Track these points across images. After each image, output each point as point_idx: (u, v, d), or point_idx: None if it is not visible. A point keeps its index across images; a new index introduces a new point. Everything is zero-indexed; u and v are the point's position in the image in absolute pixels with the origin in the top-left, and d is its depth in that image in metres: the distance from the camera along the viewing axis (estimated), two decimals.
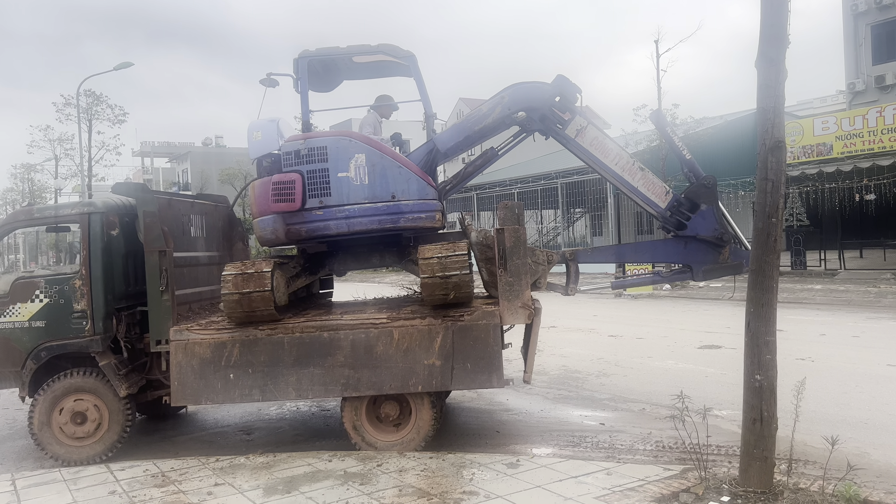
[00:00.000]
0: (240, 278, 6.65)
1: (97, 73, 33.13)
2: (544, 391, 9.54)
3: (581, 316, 17.43)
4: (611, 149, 7.41)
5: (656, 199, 7.40)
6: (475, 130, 7.48)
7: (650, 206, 7.45)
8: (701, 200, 7.27)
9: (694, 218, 7.27)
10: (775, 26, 5.01)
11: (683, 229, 7.33)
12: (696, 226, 7.29)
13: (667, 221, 7.40)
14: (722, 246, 7.29)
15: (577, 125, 7.36)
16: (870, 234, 24.87)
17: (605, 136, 7.44)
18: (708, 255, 7.35)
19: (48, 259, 48.73)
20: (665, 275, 8.15)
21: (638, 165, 7.44)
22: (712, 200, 7.28)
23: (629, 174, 7.39)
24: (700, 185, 7.29)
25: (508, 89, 7.42)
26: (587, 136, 7.37)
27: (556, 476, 5.75)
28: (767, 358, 4.97)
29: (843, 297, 18.21)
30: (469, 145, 7.63)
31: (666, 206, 7.36)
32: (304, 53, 7.51)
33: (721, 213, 7.35)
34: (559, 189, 32.20)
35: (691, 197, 7.32)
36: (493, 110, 7.42)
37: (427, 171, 7.43)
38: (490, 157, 7.68)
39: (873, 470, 5.85)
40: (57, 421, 7.08)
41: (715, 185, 7.30)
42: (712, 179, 7.30)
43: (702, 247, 7.34)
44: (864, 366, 9.94)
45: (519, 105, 7.39)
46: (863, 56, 30.45)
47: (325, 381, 6.74)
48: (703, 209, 7.25)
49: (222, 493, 5.72)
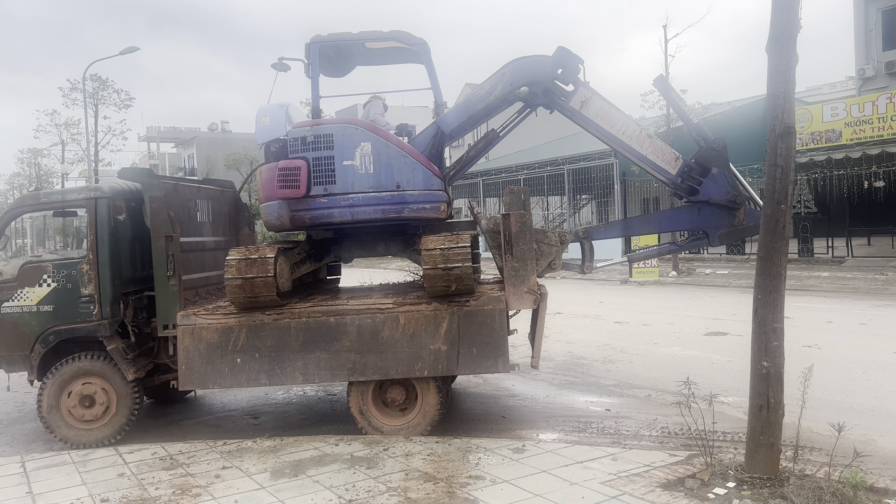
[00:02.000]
0: (243, 263, 6.66)
1: (103, 58, 33.07)
2: (550, 377, 9.55)
3: (587, 302, 17.42)
4: (617, 118, 7.31)
5: (666, 166, 7.30)
6: (479, 109, 7.41)
7: (661, 174, 7.36)
8: (712, 164, 7.15)
9: (706, 182, 7.16)
10: (786, 10, 4.95)
11: (695, 195, 7.23)
12: (709, 190, 7.17)
13: (678, 188, 7.32)
14: (736, 208, 7.17)
15: (582, 97, 7.27)
16: (878, 221, 24.69)
17: (610, 106, 7.32)
18: (723, 218, 7.22)
19: (55, 244, 48.94)
20: (681, 243, 7.95)
21: (646, 133, 7.35)
22: (723, 163, 7.16)
23: (637, 143, 7.30)
24: (710, 148, 7.17)
25: (509, 65, 7.34)
26: (592, 106, 7.28)
27: (562, 461, 5.76)
28: (775, 345, 4.95)
29: (851, 284, 18.14)
30: (474, 125, 7.56)
31: (677, 172, 7.26)
32: (316, 39, 7.47)
33: (733, 175, 7.22)
34: (566, 175, 32.09)
35: (702, 161, 7.19)
36: (495, 87, 7.35)
37: (434, 154, 7.39)
38: (492, 138, 7.62)
39: (879, 457, 5.85)
40: (65, 404, 7.14)
41: (725, 148, 7.17)
42: (722, 142, 7.17)
43: (716, 211, 7.22)
44: (871, 353, 9.91)
45: (521, 80, 7.30)
46: (873, 42, 30.09)
47: (332, 365, 6.76)
48: (715, 172, 7.14)
49: (230, 476, 5.76)
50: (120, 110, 40.38)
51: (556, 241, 7.23)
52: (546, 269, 7.18)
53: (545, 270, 7.20)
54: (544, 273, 7.21)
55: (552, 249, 7.17)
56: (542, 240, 7.15)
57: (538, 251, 7.09)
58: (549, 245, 7.15)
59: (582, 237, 7.49)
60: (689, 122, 7.52)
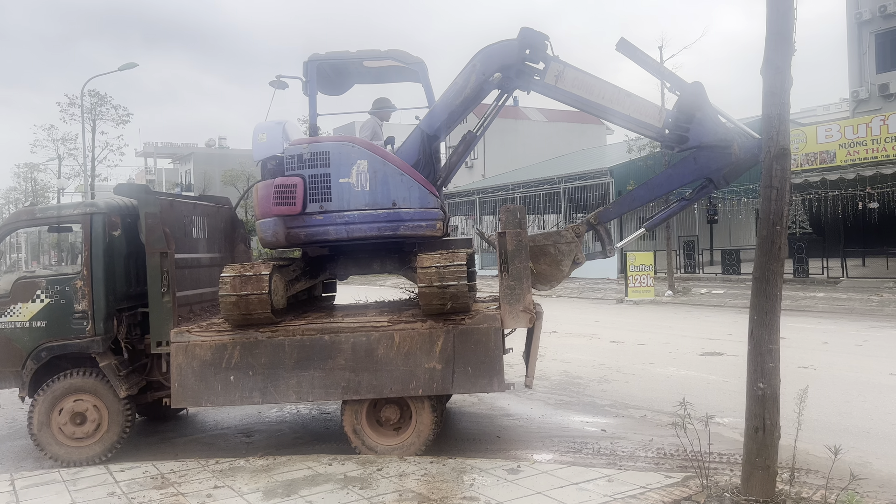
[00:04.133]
0: (238, 280, 6.64)
1: (101, 74, 33.25)
2: (545, 397, 9.51)
3: (583, 321, 17.40)
4: (594, 85, 7.28)
5: (651, 121, 7.28)
6: (457, 104, 7.39)
7: (647, 130, 7.36)
8: (694, 109, 7.12)
9: (692, 128, 7.13)
10: (781, 34, 5.00)
11: (685, 143, 7.22)
12: (697, 135, 7.14)
13: (667, 139, 7.30)
14: (729, 146, 7.12)
15: (555, 71, 7.25)
16: (873, 242, 24.82)
17: (584, 74, 7.29)
18: (720, 159, 7.17)
19: (50, 259, 48.77)
20: (690, 195, 7.81)
21: (625, 92, 7.29)
22: (704, 105, 7.13)
23: (619, 104, 7.26)
24: (689, 94, 7.14)
25: (478, 55, 7.33)
26: (567, 78, 7.26)
27: (557, 482, 5.72)
28: (770, 366, 4.94)
29: (846, 305, 18.16)
30: (456, 120, 7.53)
31: (662, 125, 7.25)
32: (315, 57, 7.51)
33: (715, 113, 7.19)
34: (562, 194, 32.19)
35: (684, 109, 7.15)
36: (468, 80, 7.34)
37: (427, 159, 7.38)
38: (470, 140, 7.64)
39: (876, 479, 5.82)
40: (56, 421, 7.06)
41: (702, 89, 7.13)
42: (699, 85, 7.14)
43: (711, 154, 7.17)
44: (867, 374, 9.90)
45: (492, 67, 7.28)
46: (867, 64, 30.43)
47: (326, 383, 6.72)
48: (699, 116, 7.11)
49: (221, 496, 5.70)
50: (117, 126, 40.59)
51: (571, 237, 7.19)
52: (572, 267, 7.15)
53: (571, 268, 7.17)
54: (571, 271, 7.18)
55: (571, 247, 7.12)
56: (559, 241, 7.14)
57: (558, 252, 7.05)
58: (566, 244, 7.11)
59: (595, 223, 7.45)
60: (663, 74, 7.49)
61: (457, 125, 7.68)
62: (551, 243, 7.18)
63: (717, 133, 7.14)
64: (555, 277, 7.23)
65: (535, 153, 50.02)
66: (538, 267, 7.13)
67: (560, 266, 7.16)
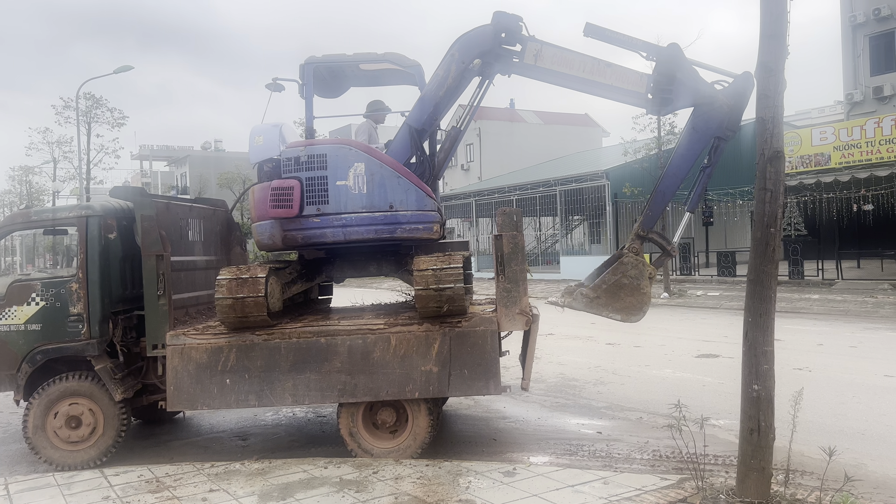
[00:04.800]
0: (234, 283, 6.63)
1: (97, 77, 33.13)
2: (541, 399, 9.52)
3: (579, 324, 17.38)
4: (573, 60, 7.28)
5: (634, 88, 7.28)
6: (441, 96, 7.38)
7: (631, 97, 7.37)
8: (673, 70, 7.12)
9: (674, 89, 7.14)
10: (774, 36, 5.02)
11: (670, 104, 7.24)
12: (680, 94, 7.16)
13: (651, 104, 7.32)
14: (715, 98, 7.11)
15: (533, 50, 7.26)
16: (867, 244, 24.90)
17: (563, 50, 7.30)
18: (714, 114, 7.13)
19: (45, 262, 48.62)
20: (709, 162, 7.58)
21: (605, 63, 7.29)
22: (682, 63, 7.14)
23: (600, 75, 7.26)
24: (665, 56, 7.15)
25: (455, 44, 7.33)
26: (546, 56, 7.27)
27: (553, 485, 5.72)
28: (765, 368, 4.96)
29: (841, 307, 18.22)
30: (441, 112, 7.52)
31: (645, 90, 7.26)
32: (311, 59, 7.51)
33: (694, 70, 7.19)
34: (558, 196, 32.24)
35: (663, 71, 7.16)
36: (448, 70, 7.33)
37: (420, 155, 7.37)
38: (455, 135, 7.65)
39: (871, 481, 5.84)
40: (51, 425, 7.04)
41: (678, 49, 7.15)
42: (674, 46, 7.16)
43: (704, 114, 7.16)
44: (862, 376, 9.93)
45: (470, 54, 7.29)
46: (861, 67, 30.56)
47: (322, 386, 6.72)
48: (679, 76, 7.12)
49: (217, 500, 5.69)
50: (113, 128, 40.47)
51: (633, 258, 7.15)
52: (651, 284, 7.14)
53: (651, 286, 7.16)
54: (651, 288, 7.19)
55: (640, 267, 7.09)
56: (626, 269, 7.09)
57: (631, 280, 7.02)
58: (634, 267, 7.07)
59: (644, 235, 7.40)
60: (636, 44, 7.51)
61: (443, 116, 7.68)
62: (620, 275, 7.13)
63: (700, 90, 7.14)
64: (642, 302, 7.16)
65: (531, 155, 50.10)
66: (623, 302, 7.10)
67: (641, 290, 7.11)
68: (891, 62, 29.79)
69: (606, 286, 7.14)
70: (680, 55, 7.15)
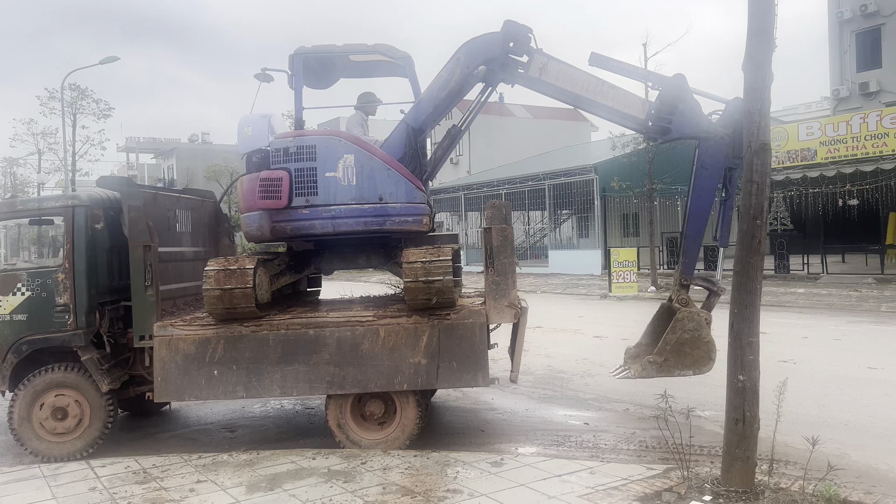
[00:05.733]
0: (222, 274, 6.61)
1: (82, 67, 32.71)
2: (529, 391, 9.56)
3: (567, 317, 17.49)
4: (578, 77, 7.32)
5: (635, 113, 7.33)
6: (442, 98, 7.38)
7: (631, 122, 7.42)
8: (676, 101, 7.17)
9: (675, 119, 7.19)
10: (762, 30, 5.05)
11: (668, 134, 7.27)
12: (680, 126, 7.20)
13: (650, 131, 7.37)
14: (716, 132, 7.14)
15: (539, 64, 7.28)
16: (852, 238, 25.16)
17: (568, 67, 7.32)
18: (718, 147, 7.13)
19: (31, 253, 48.20)
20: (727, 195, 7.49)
21: (609, 85, 7.33)
22: (686, 96, 7.18)
23: (602, 96, 7.30)
24: (670, 87, 7.19)
25: (462, 49, 7.34)
26: (551, 71, 7.29)
27: (540, 475, 5.76)
28: (750, 359, 5.01)
29: (826, 300, 18.39)
30: (441, 114, 7.53)
31: (646, 117, 7.30)
32: (301, 50, 7.47)
33: (697, 105, 7.22)
34: (546, 190, 32.31)
35: (666, 100, 7.20)
36: (452, 73, 7.34)
37: (412, 152, 7.37)
38: (455, 134, 7.66)
39: (853, 470, 5.92)
40: (37, 416, 7.00)
41: (684, 80, 7.18)
42: (680, 77, 7.20)
43: (709, 150, 7.18)
44: (845, 368, 10.04)
45: (476, 60, 7.32)
46: (847, 63, 30.81)
47: (310, 378, 6.71)
48: (681, 107, 7.17)
49: (204, 490, 5.68)
50: (98, 120, 40.09)
51: (687, 311, 7.15)
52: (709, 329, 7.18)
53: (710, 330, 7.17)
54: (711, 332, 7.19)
55: (693, 316, 7.12)
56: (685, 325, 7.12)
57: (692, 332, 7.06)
58: (690, 319, 7.08)
59: (688, 283, 7.40)
60: (642, 75, 7.55)
61: (442, 118, 7.67)
62: (680, 332, 7.15)
63: (700, 124, 7.18)
64: (709, 350, 7.15)
65: (520, 150, 50.16)
66: (691, 357, 7.12)
67: (703, 340, 7.12)
68: (877, 58, 30.06)
69: (671, 347, 7.18)
70: (684, 86, 7.18)
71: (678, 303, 7.31)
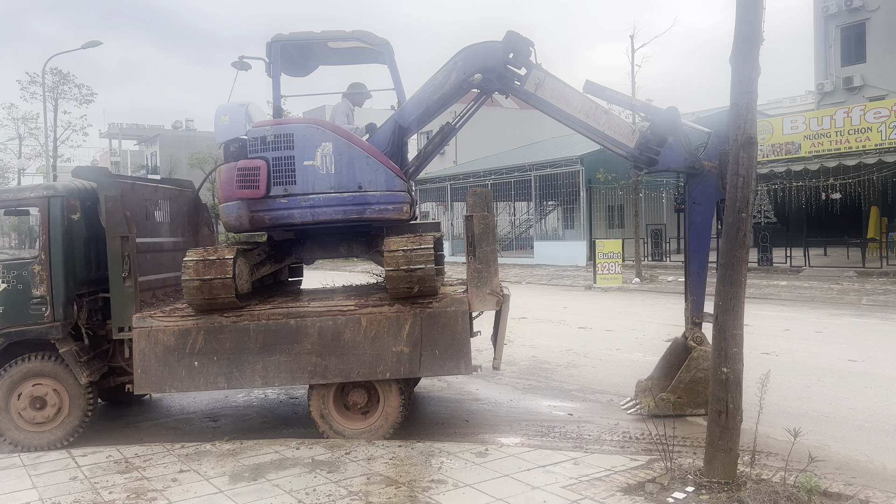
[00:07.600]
0: (201, 264, 6.52)
1: (63, 52, 32.10)
2: (514, 381, 9.56)
3: (552, 308, 17.52)
4: (572, 98, 7.33)
5: (624, 140, 7.36)
6: (434, 100, 7.36)
7: (619, 148, 7.44)
8: (667, 133, 7.22)
9: (663, 152, 7.24)
10: (750, 23, 5.03)
11: (655, 165, 7.32)
12: (667, 159, 7.26)
13: (637, 160, 7.39)
14: (702, 167, 7.21)
15: (536, 79, 7.28)
16: (834, 232, 25.38)
17: (564, 86, 7.33)
18: (707, 181, 7.22)
19: (9, 242, 47.58)
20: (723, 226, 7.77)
21: (602, 109, 7.37)
22: (677, 129, 7.23)
23: (594, 120, 7.33)
24: (662, 118, 7.24)
25: (461, 53, 7.32)
26: (547, 88, 7.30)
27: (524, 465, 5.76)
28: (734, 351, 5.01)
29: (808, 293, 18.56)
30: (431, 116, 7.51)
31: (635, 145, 7.32)
32: (278, 37, 7.37)
33: (687, 139, 7.30)
34: (532, 181, 32.31)
35: (657, 132, 7.26)
36: (448, 77, 7.32)
37: (396, 150, 7.33)
38: (448, 132, 7.62)
39: (833, 462, 5.97)
40: (15, 406, 6.90)
41: (677, 113, 7.24)
42: (673, 109, 7.25)
43: (698, 184, 7.27)
44: (826, 361, 10.13)
45: (473, 67, 7.29)
46: (832, 57, 31.00)
47: (292, 368, 6.66)
48: (671, 141, 7.22)
49: (187, 480, 5.63)
50: (80, 105, 39.55)
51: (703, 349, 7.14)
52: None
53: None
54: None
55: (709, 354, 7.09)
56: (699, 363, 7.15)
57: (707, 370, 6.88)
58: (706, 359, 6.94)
59: (699, 321, 7.40)
60: (636, 106, 7.60)
61: (431, 121, 7.65)
62: (694, 371, 7.19)
63: (688, 159, 7.25)
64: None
65: (506, 140, 50.08)
66: (705, 396, 6.94)
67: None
68: (861, 53, 30.27)
69: (684, 385, 7.23)
70: (676, 120, 7.21)
71: (693, 341, 7.35)
